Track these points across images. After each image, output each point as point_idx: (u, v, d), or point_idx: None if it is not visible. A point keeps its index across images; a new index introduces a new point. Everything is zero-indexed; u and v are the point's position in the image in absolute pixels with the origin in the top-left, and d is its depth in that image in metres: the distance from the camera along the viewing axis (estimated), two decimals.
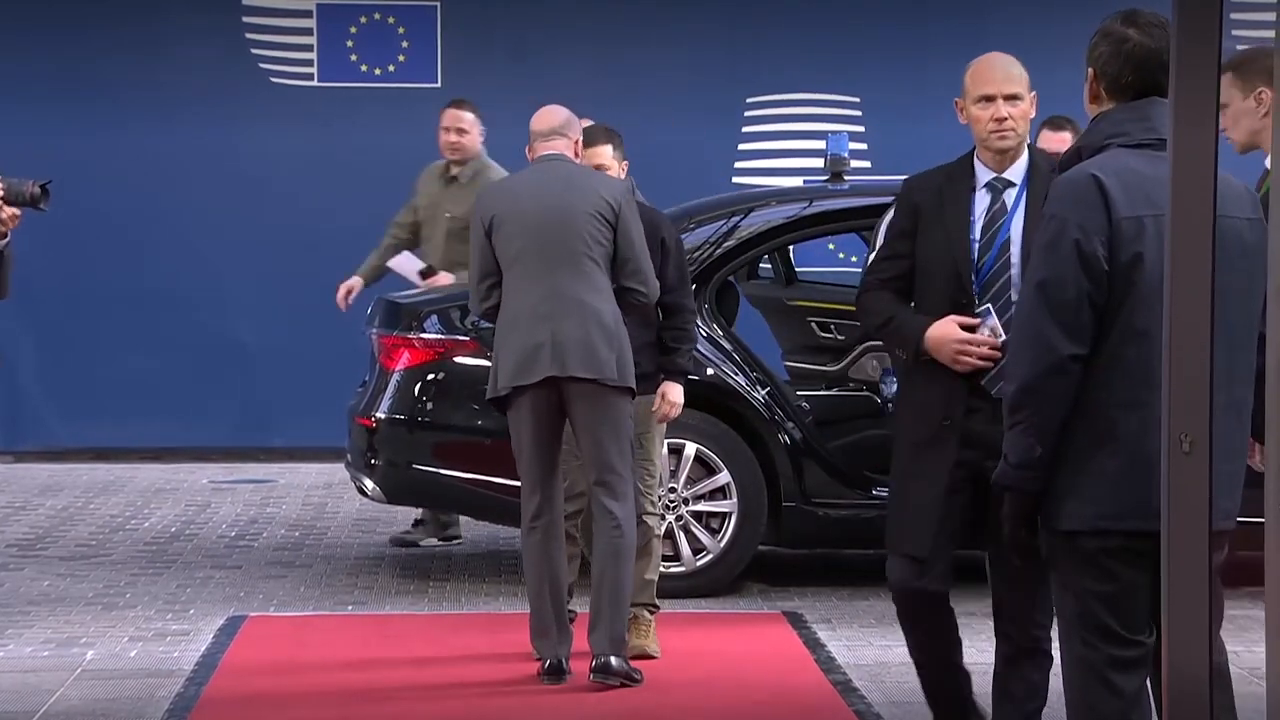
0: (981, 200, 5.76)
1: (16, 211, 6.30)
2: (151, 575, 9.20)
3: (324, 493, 11.61)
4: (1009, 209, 5.72)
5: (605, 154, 7.52)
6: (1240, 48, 6.33)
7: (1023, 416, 4.45)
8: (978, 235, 5.71)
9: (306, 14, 13.49)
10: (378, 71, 13.51)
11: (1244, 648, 7.28)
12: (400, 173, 10.69)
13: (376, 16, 13.55)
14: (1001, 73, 5.83)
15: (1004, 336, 5.50)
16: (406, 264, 9.90)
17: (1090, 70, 4.69)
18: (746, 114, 13.50)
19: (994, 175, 5.79)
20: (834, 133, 11.17)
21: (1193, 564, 3.63)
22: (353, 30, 13.51)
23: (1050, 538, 4.53)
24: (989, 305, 5.63)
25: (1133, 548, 4.44)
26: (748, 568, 8.69)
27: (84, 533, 10.31)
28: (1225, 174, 4.42)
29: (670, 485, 8.46)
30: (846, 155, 9.50)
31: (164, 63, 13.23)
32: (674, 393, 7.50)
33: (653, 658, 7.35)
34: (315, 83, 13.42)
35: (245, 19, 13.45)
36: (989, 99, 5.78)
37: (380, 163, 10.00)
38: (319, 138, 13.05)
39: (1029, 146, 5.85)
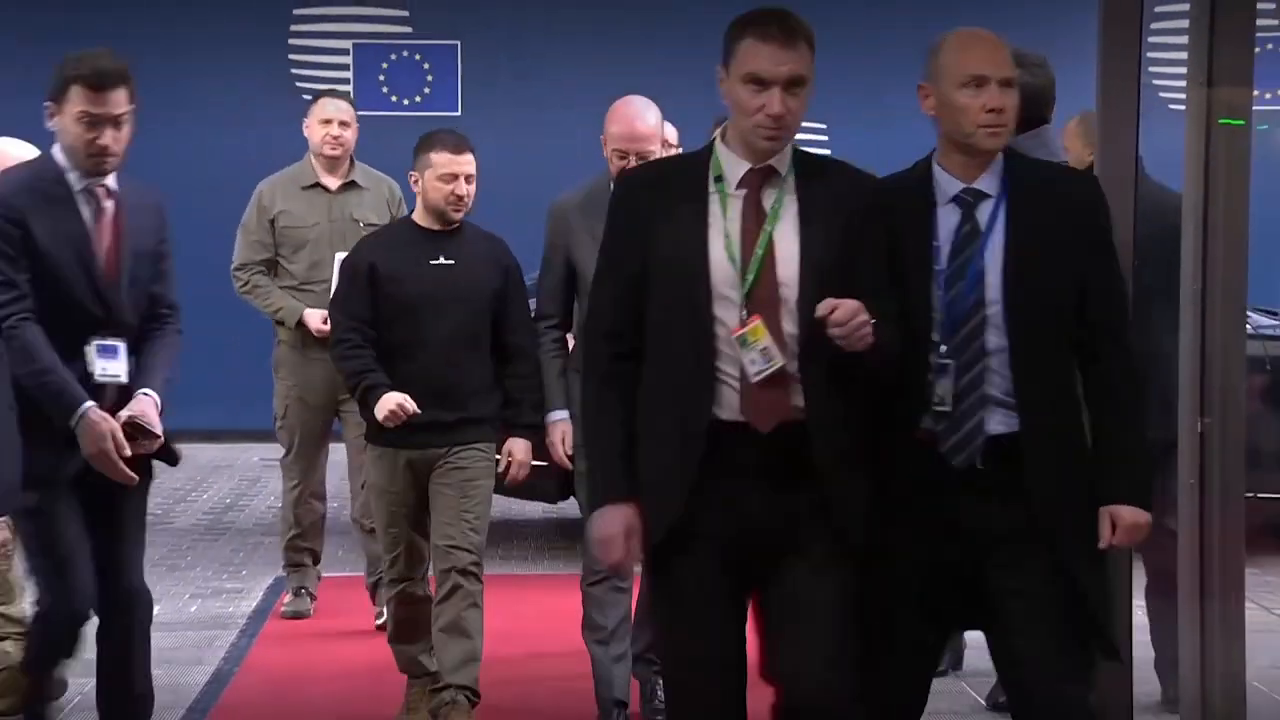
0: (948, 219, 4.13)
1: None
2: (209, 541, 9.71)
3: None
4: (984, 229, 4.11)
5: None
6: None
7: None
8: (944, 264, 4.10)
9: (344, 51, 14.18)
10: (406, 102, 14.15)
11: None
12: None
13: (405, 54, 14.23)
14: (998, 51, 4.14)
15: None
16: None
17: None
18: None
19: (964, 186, 4.16)
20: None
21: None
22: (384, 66, 14.21)
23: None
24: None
25: None
26: None
27: (152, 504, 10.40)
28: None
29: None
30: None
31: (217, 95, 13.80)
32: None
33: None
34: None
35: (291, 56, 14.22)
36: (980, 82, 4.09)
37: (409, 183, 10.65)
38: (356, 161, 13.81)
39: (1005, 149, 4.20)
